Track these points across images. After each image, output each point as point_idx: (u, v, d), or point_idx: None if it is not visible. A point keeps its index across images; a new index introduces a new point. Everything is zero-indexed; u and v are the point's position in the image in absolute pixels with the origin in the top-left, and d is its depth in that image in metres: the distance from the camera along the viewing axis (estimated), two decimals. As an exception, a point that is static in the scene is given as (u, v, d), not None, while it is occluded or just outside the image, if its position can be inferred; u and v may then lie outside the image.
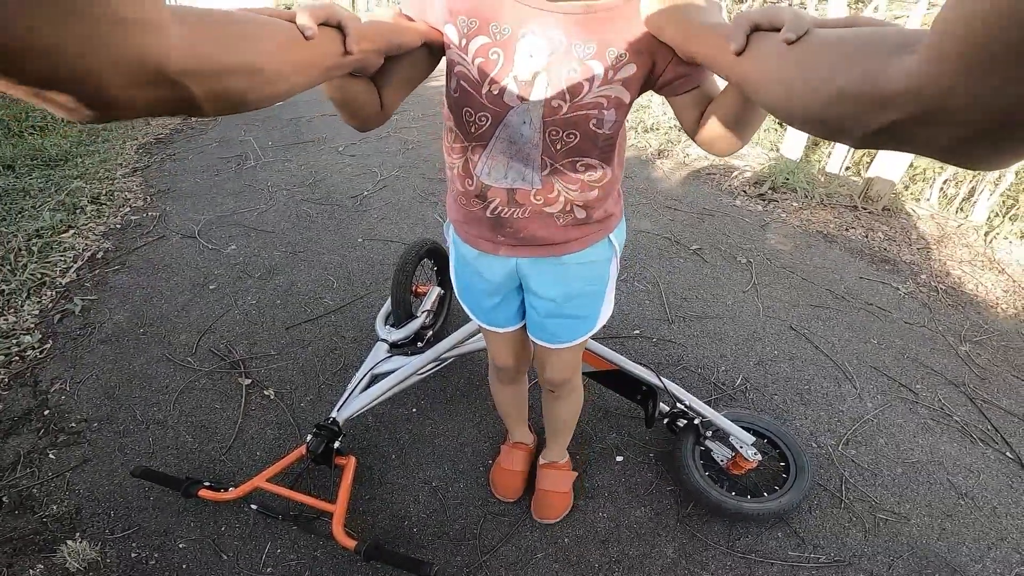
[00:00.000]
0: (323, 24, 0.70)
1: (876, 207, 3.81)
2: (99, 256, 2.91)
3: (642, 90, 0.92)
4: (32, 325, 2.36)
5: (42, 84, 0.38)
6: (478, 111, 0.94)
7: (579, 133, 0.93)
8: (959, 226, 3.72)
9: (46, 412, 1.98)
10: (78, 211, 3.33)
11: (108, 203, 3.50)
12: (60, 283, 2.65)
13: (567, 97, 0.88)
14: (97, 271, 2.78)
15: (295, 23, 0.66)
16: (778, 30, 0.59)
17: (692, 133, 0.94)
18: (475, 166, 1.02)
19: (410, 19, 0.91)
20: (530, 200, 1.02)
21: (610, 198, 1.11)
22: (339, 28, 0.72)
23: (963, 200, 4.01)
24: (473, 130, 0.97)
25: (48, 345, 2.27)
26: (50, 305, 2.50)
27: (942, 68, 0.36)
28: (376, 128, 0.97)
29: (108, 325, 2.40)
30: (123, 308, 2.51)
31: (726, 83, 0.82)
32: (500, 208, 1.05)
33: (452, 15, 0.88)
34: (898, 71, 0.41)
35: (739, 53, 0.64)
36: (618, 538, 1.64)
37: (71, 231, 3.10)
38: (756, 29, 0.63)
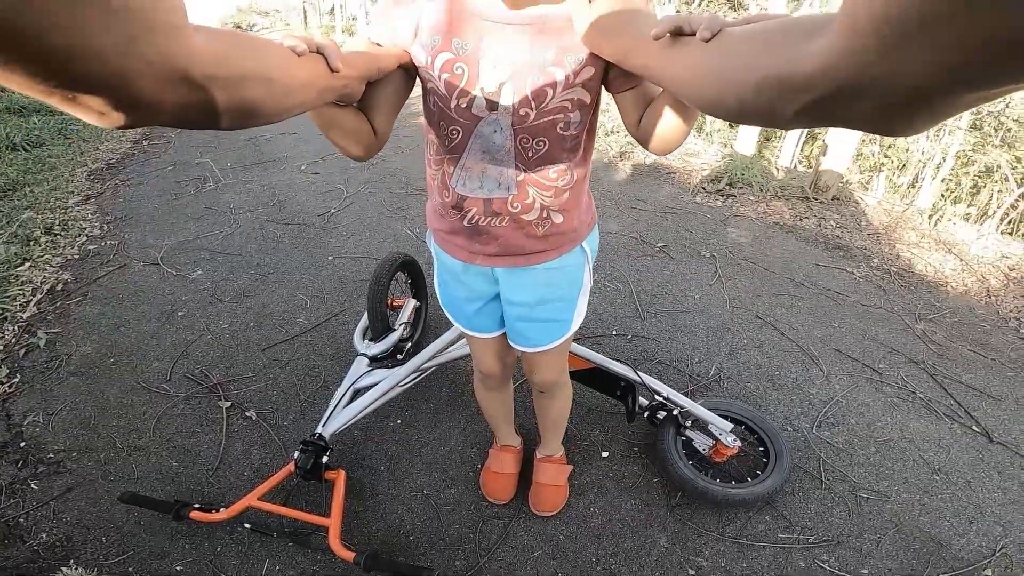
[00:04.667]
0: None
1: (826, 196, 3.97)
2: (59, 288, 2.83)
3: (601, 90, 0.98)
4: (-3, 361, 2.29)
5: (82, 88, 0.40)
6: (450, 124, 0.98)
7: (548, 140, 0.97)
8: (905, 211, 3.90)
9: (22, 444, 1.93)
10: (32, 243, 3.22)
11: (63, 233, 3.40)
12: (21, 317, 2.57)
13: (533, 104, 0.93)
14: (59, 303, 2.70)
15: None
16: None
17: (634, 132, 0.99)
18: (451, 177, 1.05)
19: (379, 46, 0.95)
20: (507, 208, 1.06)
21: (582, 203, 1.15)
22: (319, 53, 0.76)
23: (908, 187, 4.20)
24: (447, 143, 1.01)
25: (16, 379, 2.20)
26: (13, 340, 2.42)
27: (855, 44, 0.38)
28: (376, 153, 1.00)
29: (76, 357, 2.34)
30: (90, 339, 2.45)
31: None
32: (477, 218, 1.08)
33: (417, 35, 0.92)
34: (813, 52, 0.43)
35: (658, 38, 0.69)
36: (612, 531, 1.68)
37: (27, 264, 3.00)
38: (679, 32, 0.68)
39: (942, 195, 4.04)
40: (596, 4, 0.86)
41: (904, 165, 4.43)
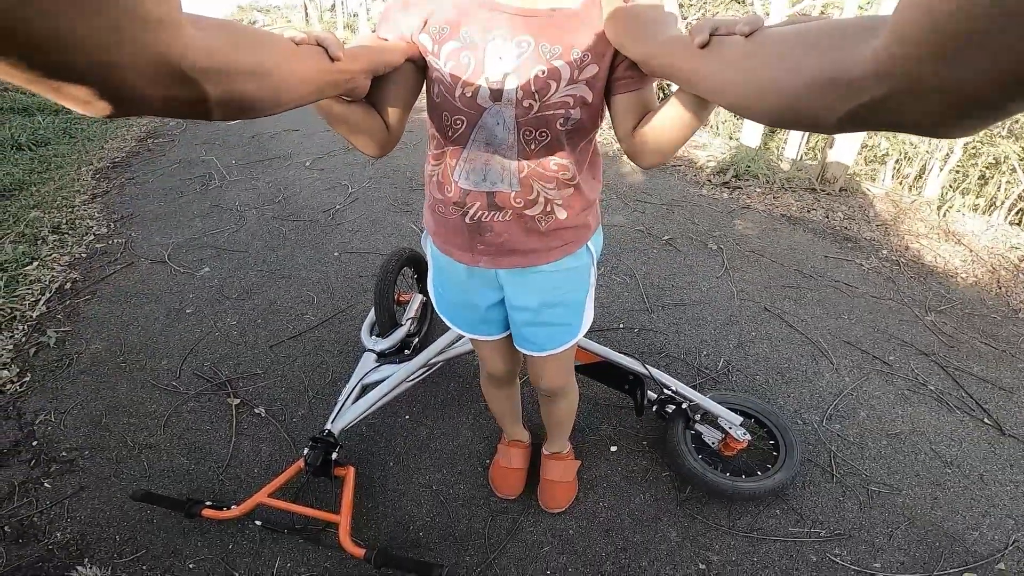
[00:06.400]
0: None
1: (834, 188, 3.95)
2: (67, 287, 2.84)
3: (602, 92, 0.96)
4: (8, 360, 2.30)
5: (66, 77, 0.40)
6: (454, 114, 0.96)
7: (550, 132, 0.96)
8: (913, 202, 3.88)
9: (34, 443, 1.94)
10: (40, 242, 3.24)
11: (70, 232, 3.41)
12: (31, 316, 2.58)
13: (536, 97, 0.91)
14: (68, 302, 2.72)
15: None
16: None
17: (625, 140, 0.97)
18: (453, 171, 1.03)
19: (386, 41, 0.94)
20: (510, 202, 1.04)
21: (585, 201, 1.12)
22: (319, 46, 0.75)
23: (915, 178, 4.17)
24: (450, 133, 0.99)
25: (27, 378, 2.21)
26: (23, 339, 2.44)
27: (906, 50, 0.38)
28: (391, 150, 1.01)
29: (86, 355, 2.35)
30: (99, 338, 2.46)
31: (671, 96, 0.87)
32: (480, 213, 1.06)
33: (425, 24, 0.92)
34: (864, 55, 0.42)
35: (703, 46, 0.67)
36: (621, 526, 1.68)
37: (35, 263, 3.02)
38: (715, 32, 0.66)
39: (949, 186, 4.01)
40: (615, 2, 0.85)
41: (910, 157, 4.39)
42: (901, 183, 4.13)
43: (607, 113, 1.01)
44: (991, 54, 0.32)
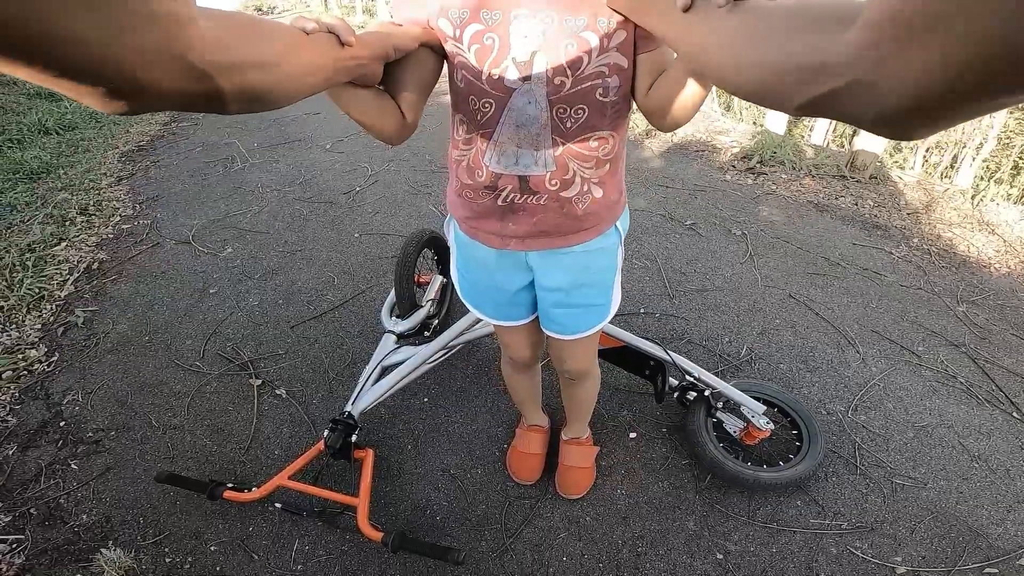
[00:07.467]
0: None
1: (863, 176, 3.85)
2: (95, 267, 2.89)
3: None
4: (36, 339, 2.35)
5: (80, 76, 0.41)
6: (482, 98, 0.95)
7: (587, 106, 0.94)
8: (945, 191, 3.77)
9: (62, 423, 1.98)
10: (68, 223, 3.29)
11: (97, 213, 3.45)
12: (59, 296, 2.63)
13: (568, 72, 0.90)
14: (95, 282, 2.76)
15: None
16: None
17: (641, 101, 0.96)
18: (483, 155, 1.02)
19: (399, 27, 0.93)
20: (546, 186, 1.01)
21: (619, 175, 1.11)
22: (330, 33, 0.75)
23: (947, 167, 4.06)
24: (479, 117, 0.98)
25: (55, 358, 2.26)
26: (51, 319, 2.48)
27: (874, 39, 0.38)
28: (408, 137, 0.99)
29: (112, 335, 2.38)
30: (125, 317, 2.50)
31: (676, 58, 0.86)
32: (512, 195, 1.04)
33: (443, 10, 0.90)
34: (840, 43, 0.42)
35: (686, 9, 0.66)
36: (639, 514, 1.67)
37: (63, 243, 3.06)
38: None
39: (982, 176, 3.89)
40: None
41: (940, 145, 4.26)
42: (930, 173, 4.02)
43: None
44: (939, 48, 0.32)
